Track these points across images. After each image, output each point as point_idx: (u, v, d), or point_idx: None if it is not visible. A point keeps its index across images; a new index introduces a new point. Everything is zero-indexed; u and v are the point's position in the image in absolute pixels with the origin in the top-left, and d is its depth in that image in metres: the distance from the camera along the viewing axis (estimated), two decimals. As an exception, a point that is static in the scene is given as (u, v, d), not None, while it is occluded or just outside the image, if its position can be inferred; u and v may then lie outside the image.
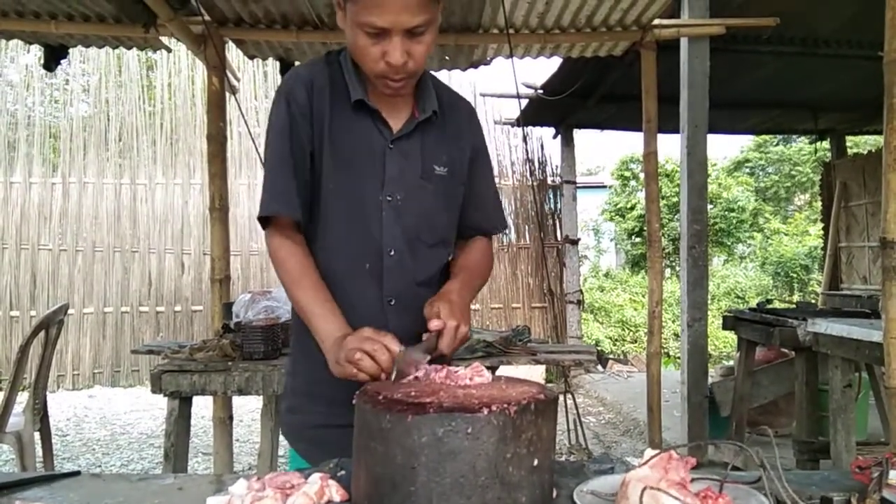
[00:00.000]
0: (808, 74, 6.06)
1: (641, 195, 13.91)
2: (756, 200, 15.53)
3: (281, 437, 4.74)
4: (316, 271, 1.40)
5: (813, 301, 9.17)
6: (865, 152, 8.74)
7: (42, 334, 3.47)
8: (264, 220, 1.44)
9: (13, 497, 1.08)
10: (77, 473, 1.23)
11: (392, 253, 1.44)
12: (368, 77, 1.38)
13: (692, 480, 0.98)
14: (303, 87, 1.41)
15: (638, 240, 14.47)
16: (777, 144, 16.39)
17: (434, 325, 1.28)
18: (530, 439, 0.91)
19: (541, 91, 6.58)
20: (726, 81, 5.59)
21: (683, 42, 4.38)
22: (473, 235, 1.60)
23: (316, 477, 1.03)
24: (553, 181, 8.25)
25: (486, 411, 0.88)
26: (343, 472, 1.13)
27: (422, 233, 1.46)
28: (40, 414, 3.48)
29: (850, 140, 9.73)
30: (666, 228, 12.73)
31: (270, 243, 1.43)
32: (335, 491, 1.01)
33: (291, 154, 1.41)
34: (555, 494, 1.04)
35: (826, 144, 9.04)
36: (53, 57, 4.36)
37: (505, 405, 0.90)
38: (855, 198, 7.90)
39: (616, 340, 10.06)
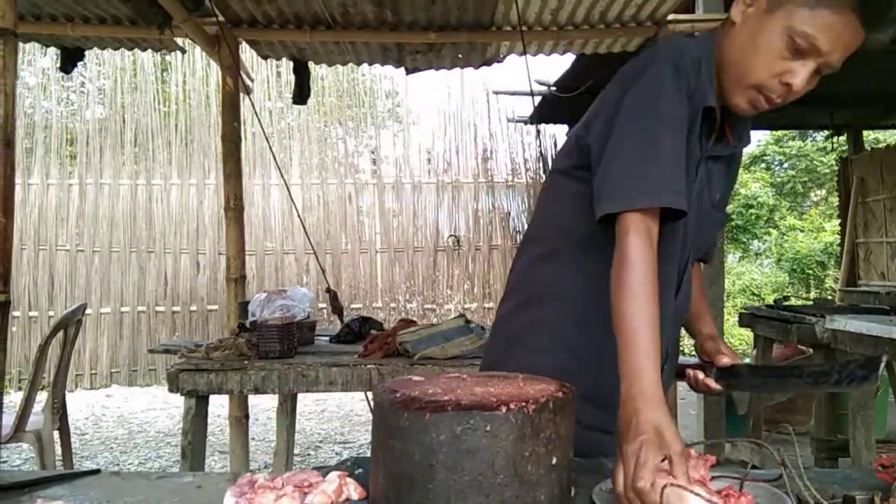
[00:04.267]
0: (824, 69, 5.99)
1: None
2: (773, 196, 15.41)
3: (297, 436, 4.79)
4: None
5: (830, 297, 9.09)
6: (883, 147, 8.64)
7: (60, 334, 3.51)
8: (609, 217, 1.13)
9: (34, 495, 1.09)
10: (97, 472, 1.23)
11: (689, 269, 1.35)
12: (734, 88, 1.21)
13: (711, 479, 0.97)
14: (693, 70, 1.21)
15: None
16: (795, 139, 16.23)
17: (725, 361, 1.29)
18: (549, 437, 0.91)
19: (554, 88, 6.56)
20: (741, 77, 5.54)
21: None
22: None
23: (334, 475, 1.03)
24: (567, 179, 8.21)
25: (504, 409, 0.87)
26: (361, 470, 1.13)
27: (691, 261, 1.35)
28: (59, 413, 3.51)
29: (867, 134, 9.61)
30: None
31: (632, 241, 1.09)
32: (353, 489, 1.01)
33: (682, 144, 1.16)
34: (573, 493, 1.03)
35: (843, 139, 8.95)
36: (70, 59, 4.41)
37: (523, 403, 0.89)
38: (872, 193, 7.81)
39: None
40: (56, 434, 3.50)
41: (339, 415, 6.32)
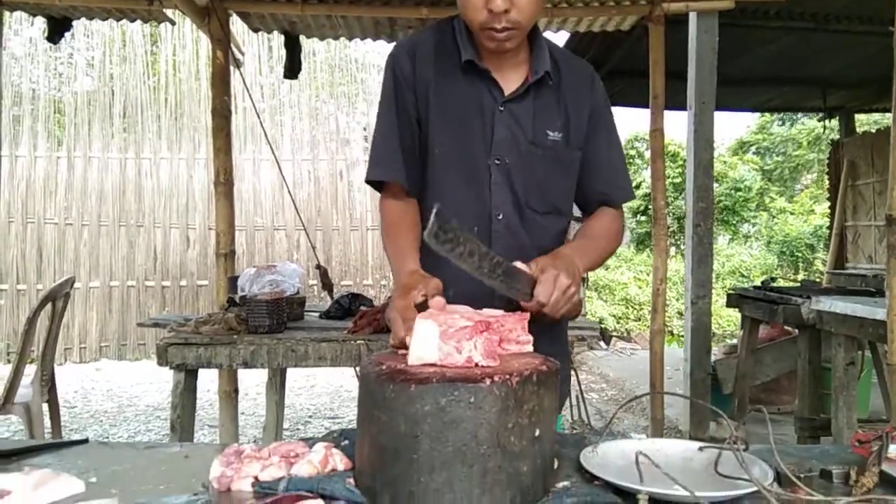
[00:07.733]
0: (817, 51, 5.98)
1: (646, 173, 13.84)
2: (762, 180, 15.46)
3: (287, 411, 4.81)
4: (411, 224, 1.43)
5: (818, 280, 9.16)
6: (874, 130, 8.66)
7: (48, 307, 3.50)
8: (378, 186, 1.50)
9: (22, 463, 1.10)
10: (85, 441, 1.24)
11: (500, 217, 1.44)
12: (477, 36, 1.38)
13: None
14: (406, 55, 1.46)
15: (643, 218, 14.43)
16: (782, 125, 16.25)
17: (518, 263, 1.24)
18: (532, 409, 0.92)
19: (547, 67, 6.52)
20: (734, 57, 5.53)
21: (692, 17, 4.33)
22: (596, 206, 1.57)
23: (320, 446, 1.05)
24: (558, 158, 8.20)
25: (488, 381, 0.89)
26: (347, 442, 1.14)
27: (531, 199, 1.46)
28: (48, 386, 3.51)
29: (858, 119, 9.63)
30: (670, 207, 12.68)
31: (380, 206, 1.50)
32: (339, 459, 1.03)
33: (397, 121, 1.45)
34: (556, 465, 1.05)
35: (835, 122, 8.96)
36: (57, 29, 4.34)
37: (507, 375, 0.90)
38: (863, 176, 7.85)
39: (620, 318, 10.08)
40: (45, 406, 3.51)
41: (328, 390, 6.35)
